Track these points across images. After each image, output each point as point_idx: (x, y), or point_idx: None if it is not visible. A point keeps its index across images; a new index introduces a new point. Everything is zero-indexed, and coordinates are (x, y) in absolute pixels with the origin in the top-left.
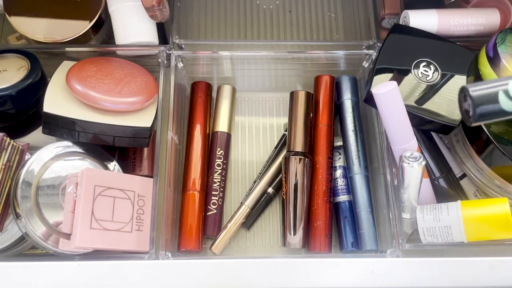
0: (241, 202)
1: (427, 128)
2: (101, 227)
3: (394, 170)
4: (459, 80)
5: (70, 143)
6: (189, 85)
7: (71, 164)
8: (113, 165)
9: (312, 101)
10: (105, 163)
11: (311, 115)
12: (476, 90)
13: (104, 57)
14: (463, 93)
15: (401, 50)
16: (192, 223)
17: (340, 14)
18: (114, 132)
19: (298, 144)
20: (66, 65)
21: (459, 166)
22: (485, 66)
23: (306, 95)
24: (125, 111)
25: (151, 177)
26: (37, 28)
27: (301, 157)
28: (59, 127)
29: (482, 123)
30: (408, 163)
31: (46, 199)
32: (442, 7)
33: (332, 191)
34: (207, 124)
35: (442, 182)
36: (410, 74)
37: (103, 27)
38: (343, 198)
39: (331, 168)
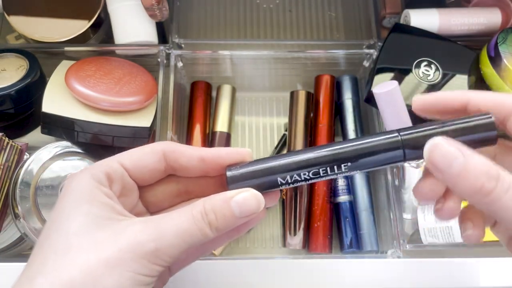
0: None
1: None
2: None
3: (395, 170)
4: (460, 80)
5: (69, 143)
6: (188, 85)
7: (70, 164)
8: None
9: (312, 100)
10: None
11: (311, 115)
12: None
13: (103, 57)
14: None
15: (402, 49)
16: None
17: (340, 13)
18: (113, 132)
19: (298, 144)
20: (65, 64)
21: None
22: (486, 66)
23: (306, 95)
24: (124, 111)
25: None
26: (36, 28)
27: None
28: (58, 127)
29: None
30: (409, 163)
31: (45, 199)
32: (443, 7)
33: (333, 191)
34: (207, 124)
35: None
36: (411, 73)
37: (102, 27)
38: (343, 198)
39: None
